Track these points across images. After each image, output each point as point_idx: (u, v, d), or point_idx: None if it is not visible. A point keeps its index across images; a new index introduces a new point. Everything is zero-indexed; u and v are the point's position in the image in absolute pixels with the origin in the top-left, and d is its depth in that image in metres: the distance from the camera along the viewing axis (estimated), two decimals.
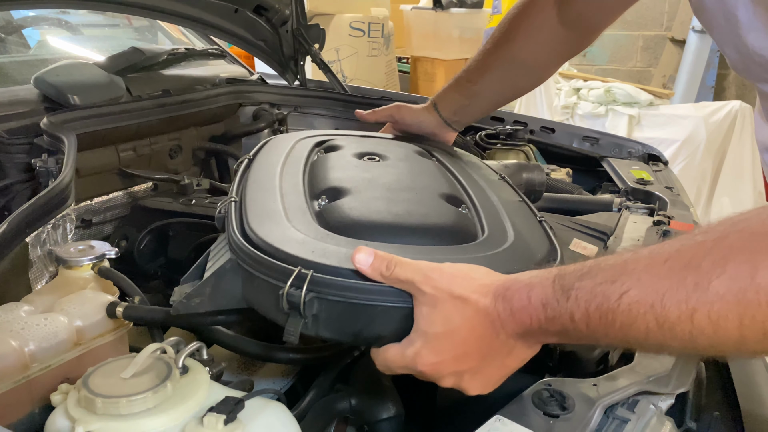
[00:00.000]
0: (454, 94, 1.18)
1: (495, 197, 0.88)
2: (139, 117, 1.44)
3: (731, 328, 0.49)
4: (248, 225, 0.72)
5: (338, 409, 0.83)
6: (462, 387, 0.62)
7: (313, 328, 0.64)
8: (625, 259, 0.55)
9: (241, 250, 0.69)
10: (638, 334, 0.53)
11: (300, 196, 0.81)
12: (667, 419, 0.68)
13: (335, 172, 0.88)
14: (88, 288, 0.87)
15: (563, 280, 0.57)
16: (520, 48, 1.11)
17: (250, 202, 0.78)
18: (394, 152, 0.99)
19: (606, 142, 1.71)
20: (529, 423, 0.62)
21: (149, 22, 2.21)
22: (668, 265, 0.51)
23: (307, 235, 0.70)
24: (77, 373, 0.69)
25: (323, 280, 0.62)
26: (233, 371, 1.00)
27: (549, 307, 0.56)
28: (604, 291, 0.54)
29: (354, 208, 0.76)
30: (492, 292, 0.59)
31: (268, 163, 0.93)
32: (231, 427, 0.58)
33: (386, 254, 0.62)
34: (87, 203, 1.27)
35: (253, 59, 2.45)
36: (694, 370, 0.75)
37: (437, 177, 0.91)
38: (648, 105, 3.56)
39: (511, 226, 0.79)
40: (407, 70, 4.86)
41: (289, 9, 1.85)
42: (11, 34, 1.85)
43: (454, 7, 4.53)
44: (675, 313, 0.50)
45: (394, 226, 0.73)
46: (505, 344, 0.60)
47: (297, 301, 0.61)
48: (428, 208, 0.78)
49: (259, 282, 0.67)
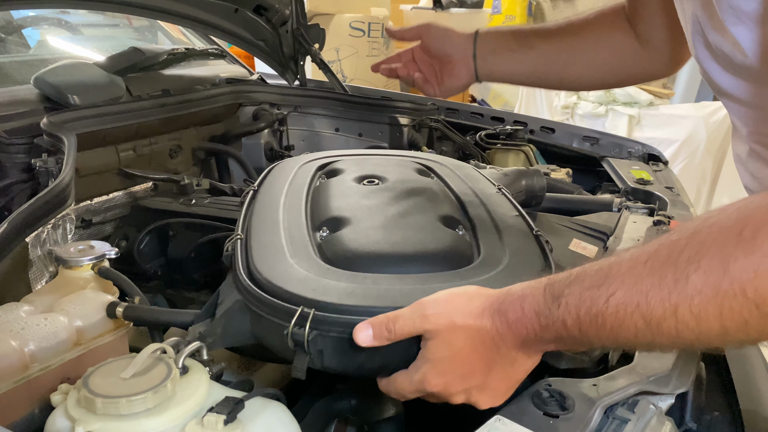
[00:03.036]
0: (508, 35, 1.10)
1: (492, 214, 0.91)
2: (139, 117, 1.44)
3: (712, 320, 0.51)
4: (253, 264, 0.75)
5: (338, 409, 0.83)
6: (472, 402, 0.64)
7: (318, 362, 0.67)
8: (609, 263, 0.57)
9: (247, 291, 0.72)
10: (628, 333, 0.54)
11: (302, 228, 0.84)
12: (667, 419, 0.68)
13: (335, 200, 0.91)
14: (88, 288, 0.86)
15: (553, 288, 0.59)
16: (592, 38, 1.07)
17: (254, 238, 0.82)
18: (393, 173, 1.02)
19: (606, 142, 1.71)
20: (529, 423, 0.62)
21: (149, 22, 2.21)
22: (649, 265, 0.54)
23: (308, 272, 0.73)
24: (77, 373, 0.69)
25: (325, 318, 0.65)
26: (233, 371, 1.00)
27: (542, 315, 0.59)
28: (592, 295, 0.56)
29: (353, 240, 0.79)
30: (488, 310, 0.62)
31: (271, 194, 0.96)
32: (231, 427, 0.58)
33: (381, 319, 0.64)
34: (87, 203, 1.27)
35: (253, 59, 2.45)
36: (694, 370, 0.75)
37: (435, 198, 0.94)
38: (648, 105, 3.56)
39: (506, 244, 0.82)
40: None
41: (289, 9, 1.85)
42: (11, 34, 1.85)
43: (454, 7, 4.54)
44: (659, 310, 0.52)
45: (391, 257, 0.76)
46: (506, 356, 0.62)
47: (301, 339, 0.64)
48: (425, 234, 0.81)
49: (265, 321, 0.70)
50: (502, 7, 5.02)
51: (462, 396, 0.64)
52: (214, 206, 1.25)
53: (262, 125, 1.81)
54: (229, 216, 1.18)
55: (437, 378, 0.63)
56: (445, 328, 0.62)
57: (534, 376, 0.68)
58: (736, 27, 0.67)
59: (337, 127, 1.89)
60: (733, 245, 0.50)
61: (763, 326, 0.50)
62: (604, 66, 1.09)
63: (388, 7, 4.40)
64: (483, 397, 0.64)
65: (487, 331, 0.61)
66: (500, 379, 0.64)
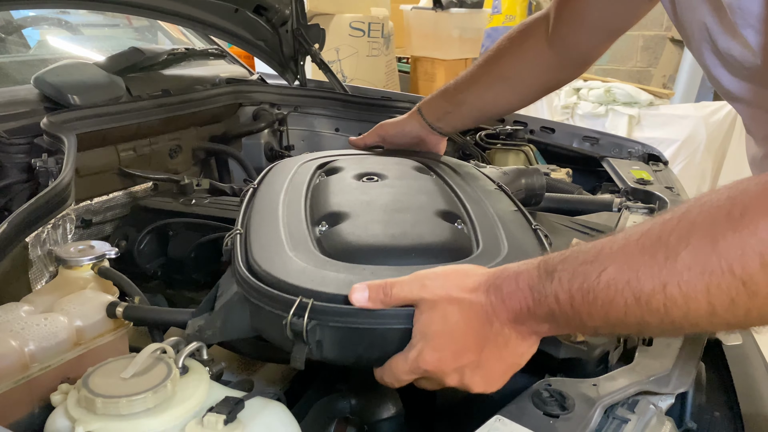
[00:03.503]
0: (440, 101, 1.24)
1: (491, 209, 0.91)
2: (139, 117, 1.44)
3: (701, 298, 0.52)
4: (252, 257, 0.75)
5: (338, 409, 0.83)
6: (465, 384, 0.64)
7: (317, 353, 0.67)
8: (602, 242, 0.58)
9: (246, 283, 0.72)
10: (618, 310, 0.55)
11: (301, 223, 0.84)
12: (667, 419, 0.68)
13: (335, 196, 0.91)
14: (88, 288, 0.86)
15: (547, 264, 0.60)
16: (507, 66, 1.17)
17: (254, 233, 0.82)
18: (392, 171, 1.02)
19: (606, 142, 1.71)
20: (529, 423, 0.62)
21: (149, 22, 2.21)
22: (641, 243, 0.55)
23: (307, 263, 0.73)
24: (77, 373, 0.69)
25: (323, 307, 0.65)
26: (233, 371, 1.00)
27: (535, 290, 0.60)
28: (585, 270, 0.57)
29: (352, 233, 0.79)
30: (483, 285, 0.63)
31: (271, 192, 0.96)
32: (231, 427, 0.58)
33: (378, 282, 0.65)
34: (87, 203, 1.27)
35: (253, 59, 2.45)
36: (694, 370, 0.75)
37: (434, 194, 0.94)
38: (648, 105, 3.56)
39: (505, 238, 0.82)
40: (407, 70, 4.86)
41: (289, 9, 1.85)
42: (11, 34, 1.86)
43: (454, 7, 4.53)
44: (649, 287, 0.53)
45: (390, 249, 0.76)
46: (499, 333, 0.62)
47: (300, 329, 0.64)
48: (424, 228, 0.81)
49: (264, 313, 0.70)
50: (502, 7, 5.03)
51: (455, 376, 0.63)
52: (214, 206, 1.25)
53: (262, 125, 1.81)
54: (229, 216, 1.18)
55: (431, 354, 0.62)
56: (441, 299, 0.62)
57: (533, 368, 0.68)
58: (746, 30, 0.67)
59: (337, 127, 1.89)
60: (722, 224, 0.51)
61: (750, 306, 0.51)
62: (526, 89, 1.21)
63: (388, 7, 4.39)
64: (476, 378, 0.64)
65: (482, 305, 0.62)
66: (494, 360, 0.63)
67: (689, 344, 0.79)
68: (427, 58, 4.66)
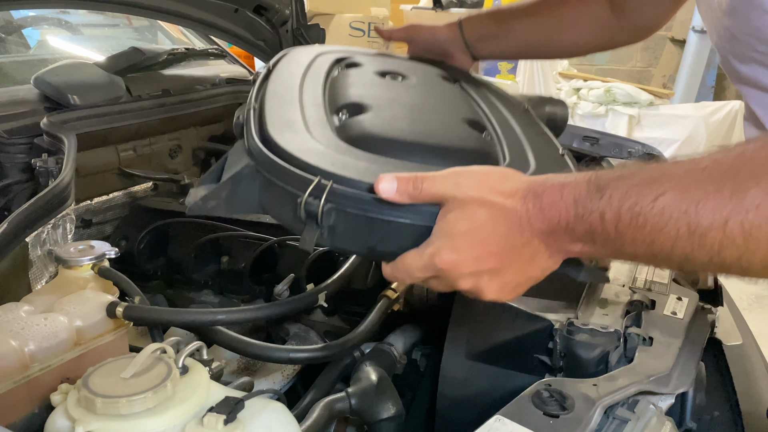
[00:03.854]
0: (488, 21, 1.16)
1: (518, 127, 0.86)
2: (139, 117, 1.44)
3: (762, 239, 0.49)
4: (268, 132, 0.70)
5: (338, 409, 0.83)
6: (479, 289, 0.61)
7: (328, 239, 0.63)
8: (665, 165, 0.54)
9: (260, 156, 0.68)
10: (666, 240, 0.52)
11: (320, 109, 0.79)
12: (667, 419, 0.68)
13: (356, 88, 0.85)
14: (88, 288, 0.86)
15: (599, 179, 0.56)
16: (569, 12, 1.11)
17: (269, 110, 0.76)
18: (417, 73, 0.95)
19: (606, 142, 1.71)
20: (529, 423, 0.62)
21: (149, 22, 2.21)
22: (707, 173, 0.51)
23: (327, 147, 0.68)
24: (77, 373, 0.69)
25: (343, 191, 0.61)
26: (233, 371, 1.00)
27: (580, 204, 0.55)
28: (640, 191, 0.53)
29: (375, 124, 0.74)
30: (521, 191, 0.58)
31: (288, 75, 0.90)
32: (231, 427, 0.58)
33: (408, 175, 0.60)
34: (87, 203, 1.27)
35: (253, 59, 2.45)
36: (694, 370, 0.75)
37: (461, 102, 0.88)
38: (648, 105, 3.57)
39: (533, 155, 0.77)
40: None
41: (289, 9, 1.85)
42: (11, 34, 1.86)
43: (454, 7, 4.54)
44: (708, 220, 0.50)
45: (416, 145, 0.71)
46: (528, 244, 0.58)
47: (315, 210, 0.61)
48: (450, 131, 0.76)
49: (277, 189, 0.66)
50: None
51: (470, 280, 0.60)
52: None
53: None
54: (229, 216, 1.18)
55: (450, 254, 0.58)
56: (472, 200, 0.58)
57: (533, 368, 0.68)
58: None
59: None
60: None
61: None
62: (580, 39, 1.14)
63: (388, 7, 4.40)
64: (492, 286, 0.60)
65: (516, 212, 0.57)
66: (514, 270, 0.60)
67: (689, 344, 0.79)
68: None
